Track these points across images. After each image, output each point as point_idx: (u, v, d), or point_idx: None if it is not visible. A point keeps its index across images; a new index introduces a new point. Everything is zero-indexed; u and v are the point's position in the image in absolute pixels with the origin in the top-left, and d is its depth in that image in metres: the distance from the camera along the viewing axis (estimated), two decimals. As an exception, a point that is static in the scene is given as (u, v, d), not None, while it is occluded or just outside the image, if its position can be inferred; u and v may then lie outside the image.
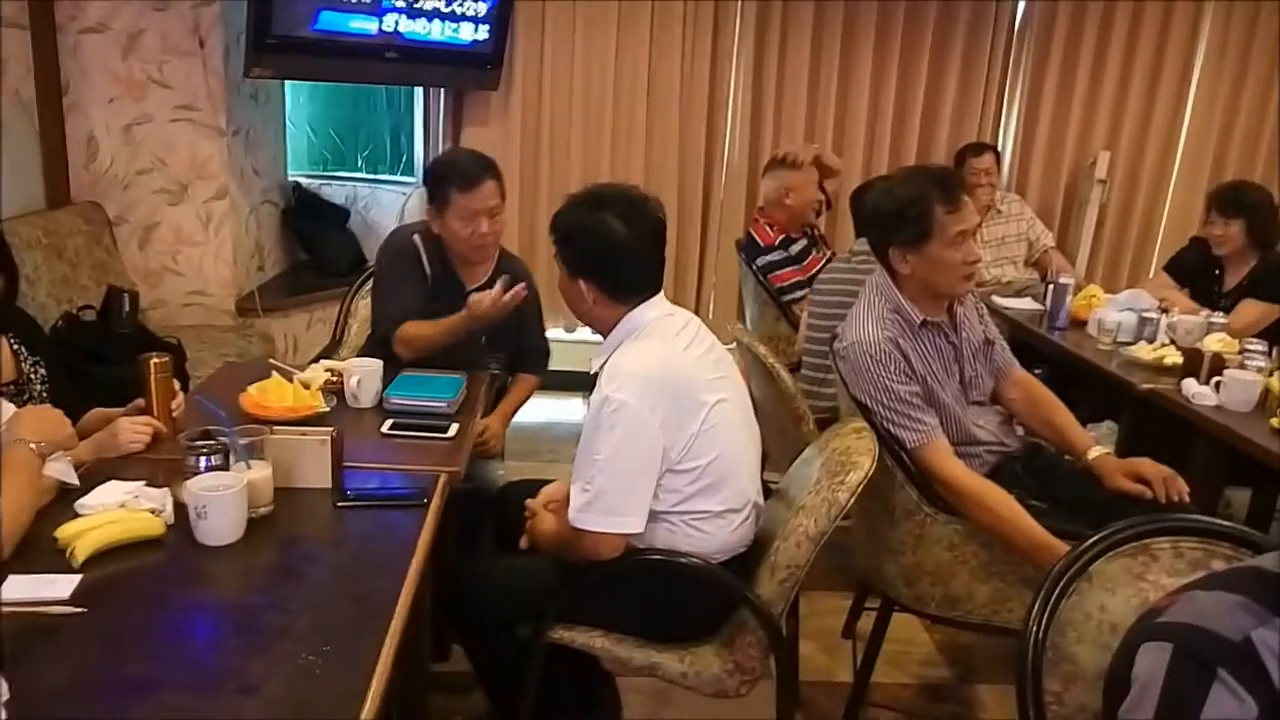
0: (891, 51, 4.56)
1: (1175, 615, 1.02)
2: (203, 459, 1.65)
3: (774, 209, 3.77)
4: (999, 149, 4.62)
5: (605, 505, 1.80)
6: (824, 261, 3.76)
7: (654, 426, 1.78)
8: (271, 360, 2.42)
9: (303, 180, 4.62)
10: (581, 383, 4.76)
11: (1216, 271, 3.60)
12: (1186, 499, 2.12)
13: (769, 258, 3.62)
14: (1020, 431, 2.45)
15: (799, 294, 3.52)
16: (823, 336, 3.11)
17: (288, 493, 1.75)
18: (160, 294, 3.89)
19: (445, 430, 2.11)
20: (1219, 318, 3.18)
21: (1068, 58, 4.63)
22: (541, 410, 4.45)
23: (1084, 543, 1.44)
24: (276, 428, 1.81)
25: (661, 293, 1.96)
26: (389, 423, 2.13)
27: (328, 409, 2.15)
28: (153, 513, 1.57)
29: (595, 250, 1.88)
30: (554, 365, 4.55)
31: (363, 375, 2.22)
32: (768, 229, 3.68)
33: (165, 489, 1.63)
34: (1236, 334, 3.11)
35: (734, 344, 2.74)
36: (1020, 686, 1.35)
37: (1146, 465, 2.16)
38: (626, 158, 4.61)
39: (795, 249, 3.68)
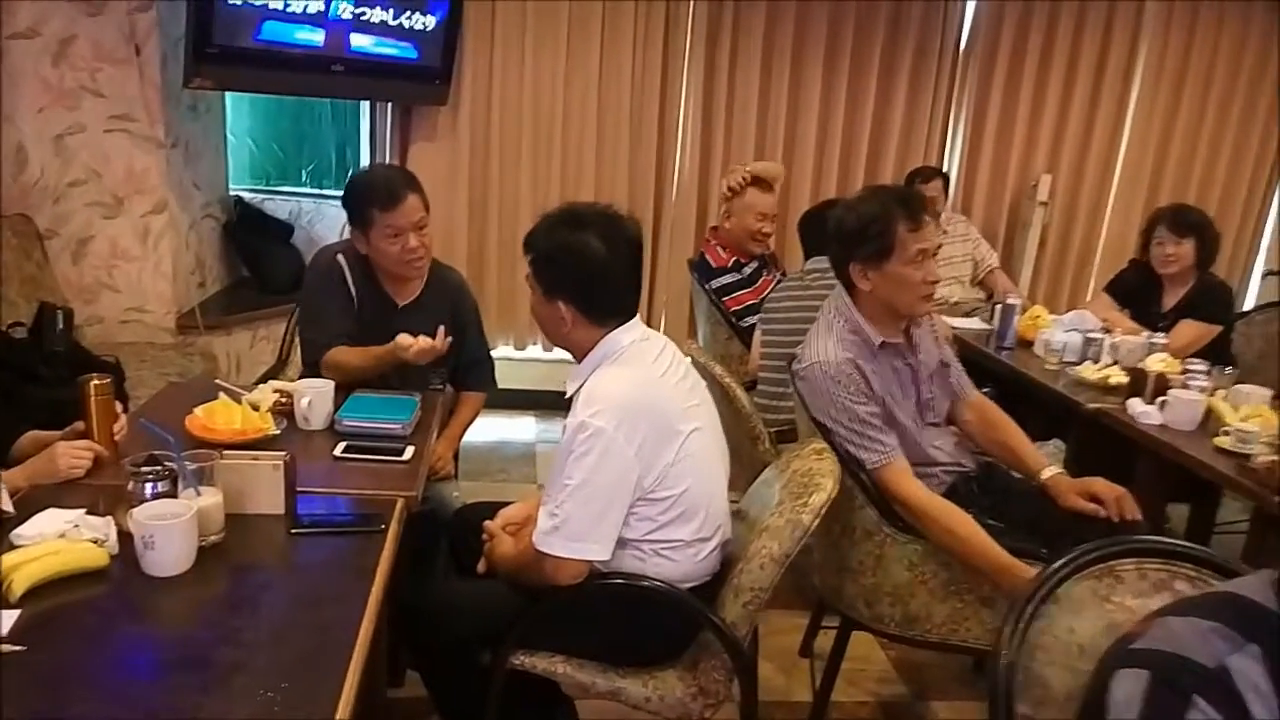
0: (840, 75, 4.61)
1: (1150, 642, 1.02)
2: (149, 485, 1.59)
3: (722, 232, 3.76)
4: (945, 171, 4.68)
5: (571, 531, 1.77)
6: (775, 282, 3.77)
7: (629, 454, 1.76)
8: (218, 381, 2.34)
9: (245, 195, 4.52)
10: (532, 401, 4.82)
11: (1156, 292, 3.68)
12: (1139, 517, 2.15)
13: (722, 280, 3.62)
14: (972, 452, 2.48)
15: (753, 318, 3.52)
16: (777, 353, 3.12)
17: (239, 519, 1.69)
18: (96, 310, 3.76)
19: (400, 453, 2.06)
20: (1160, 338, 3.25)
21: (1010, 83, 4.72)
22: (492, 429, 4.40)
23: (1050, 566, 1.44)
24: (227, 452, 1.74)
25: (638, 316, 1.93)
26: (342, 445, 2.07)
27: (277, 432, 2.09)
28: (95, 543, 1.50)
29: (575, 270, 1.84)
30: (505, 383, 4.49)
31: (314, 397, 2.15)
32: (719, 250, 3.68)
33: (108, 517, 1.56)
34: (1176, 354, 3.18)
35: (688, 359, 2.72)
36: (993, 711, 1.35)
37: (1099, 484, 2.19)
38: (577, 174, 4.59)
39: (747, 271, 3.68)
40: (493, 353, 4.60)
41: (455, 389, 2.73)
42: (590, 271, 1.83)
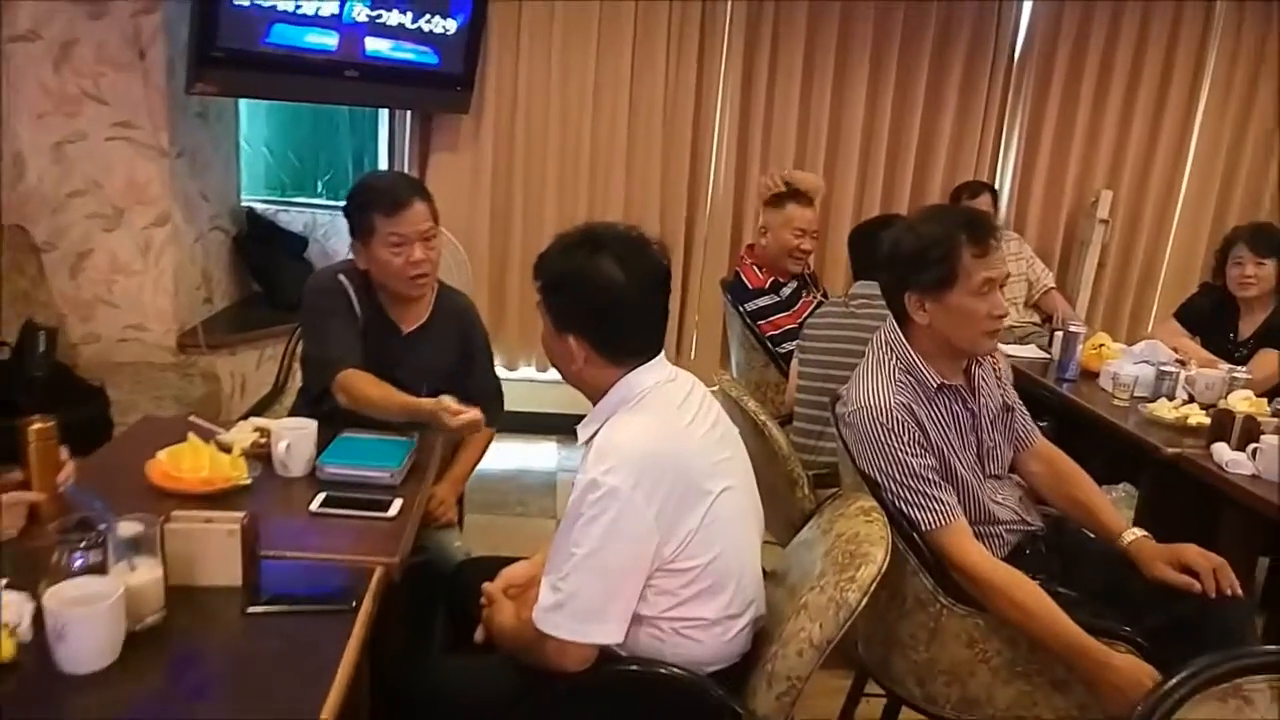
0: (886, 83, 4.33)
1: None
2: (77, 556, 1.34)
3: (758, 249, 3.50)
4: (995, 187, 4.38)
5: (579, 609, 1.51)
6: (814, 305, 3.50)
7: (647, 519, 1.50)
8: (191, 418, 2.11)
9: (257, 206, 4.32)
10: (554, 426, 4.57)
11: (1231, 319, 3.37)
12: (1239, 592, 1.85)
13: (758, 302, 3.34)
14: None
15: (791, 344, 3.24)
16: (816, 387, 2.85)
17: (188, 593, 1.45)
18: (93, 327, 3.56)
19: (386, 508, 1.81)
20: (1241, 372, 2.94)
21: (1068, 92, 4.41)
22: (510, 457, 4.16)
23: (1164, 685, 1.16)
24: (175, 513, 1.50)
25: (662, 354, 1.68)
26: (320, 498, 1.82)
27: (249, 480, 1.84)
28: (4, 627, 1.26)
29: (588, 301, 1.59)
30: (526, 407, 4.31)
31: (293, 440, 1.91)
32: (756, 270, 3.41)
33: (24, 593, 1.32)
34: (1256, 387, 2.88)
35: (715, 389, 2.45)
36: None
37: (1192, 553, 1.89)
38: (605, 188, 4.34)
39: (786, 292, 3.41)
40: (513, 374, 4.47)
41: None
42: (605, 302, 1.58)
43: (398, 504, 1.82)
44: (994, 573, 1.82)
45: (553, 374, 4.41)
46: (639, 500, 1.49)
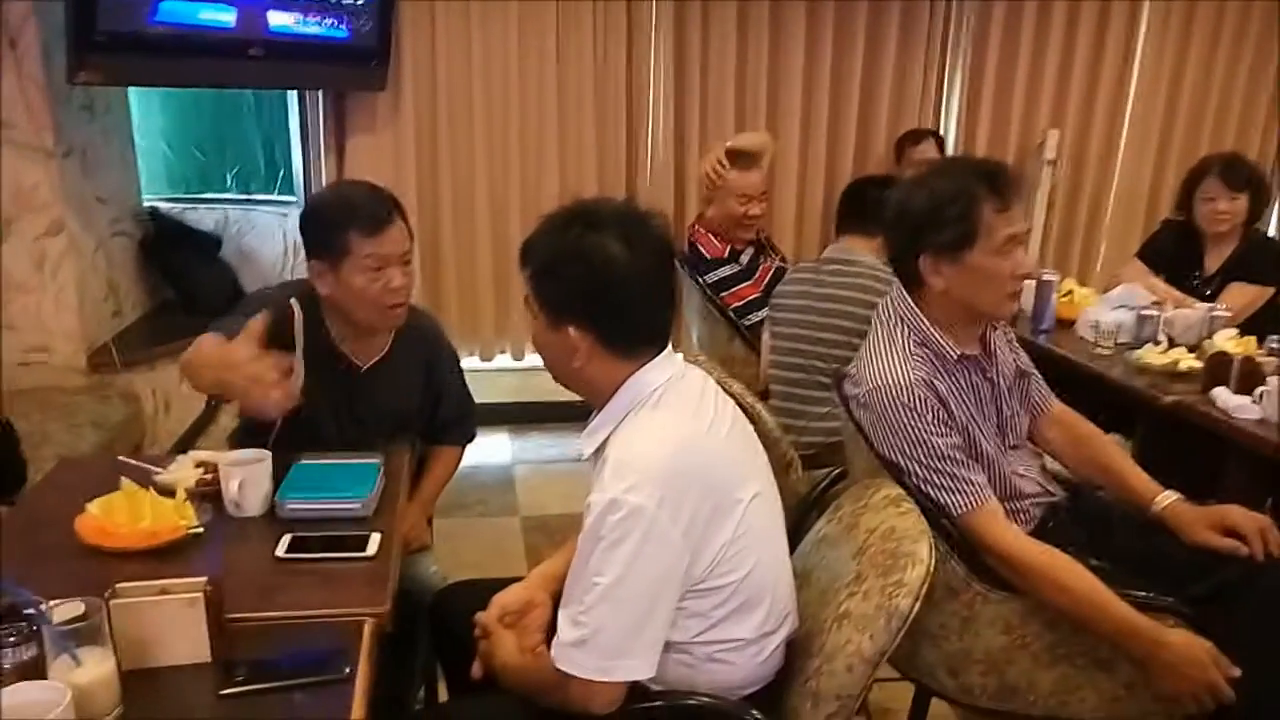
0: (824, 34, 4.14)
1: None
2: (5, 653, 1.11)
3: (710, 218, 3.32)
4: (941, 134, 4.26)
5: (605, 645, 1.34)
6: (773, 269, 3.34)
7: (675, 539, 1.33)
8: (121, 458, 1.84)
9: (162, 206, 3.96)
10: (505, 417, 4.32)
11: (1196, 255, 3.31)
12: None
13: (719, 273, 3.17)
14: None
15: (758, 315, 3.08)
16: (791, 362, 2.70)
17: (148, 679, 1.23)
18: (-9, 353, 3.21)
19: (363, 545, 1.58)
20: (1221, 309, 2.86)
21: (1009, 31, 4.28)
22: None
23: None
24: (119, 586, 1.26)
25: (670, 345, 1.49)
26: (286, 541, 1.59)
27: (200, 528, 1.60)
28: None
29: (589, 284, 1.39)
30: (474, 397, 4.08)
31: (245, 477, 1.67)
32: (713, 239, 3.23)
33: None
34: (1231, 321, 2.82)
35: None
36: None
37: (1236, 514, 1.78)
38: (538, 161, 4.09)
39: (745, 259, 3.24)
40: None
41: (426, 444, 2.25)
42: (608, 284, 1.39)
43: (375, 540, 1.60)
44: (1034, 555, 1.69)
45: (499, 362, 4.27)
46: (665, 519, 1.32)
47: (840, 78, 4.22)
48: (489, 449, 4.09)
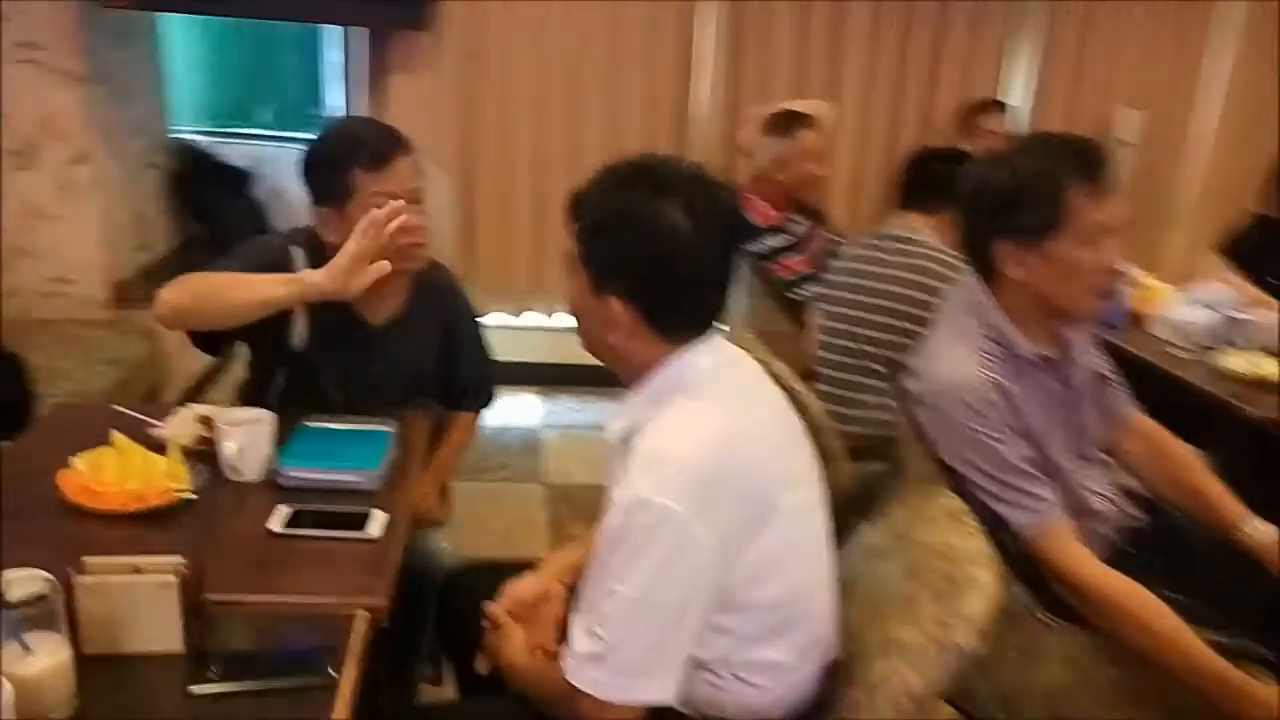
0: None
1: None
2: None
3: (765, 184, 3.13)
4: (1007, 105, 4.00)
5: (622, 663, 1.20)
6: (825, 242, 3.15)
7: (708, 548, 1.18)
8: (118, 407, 1.72)
9: (195, 138, 3.83)
10: (535, 376, 4.18)
11: (1280, 253, 3.07)
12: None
13: (768, 242, 2.98)
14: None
15: (807, 290, 2.90)
16: (840, 344, 2.51)
17: (111, 668, 1.10)
18: (13, 281, 3.11)
19: (363, 523, 1.44)
20: (1317, 315, 2.63)
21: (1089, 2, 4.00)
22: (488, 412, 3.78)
23: None
24: (88, 561, 1.13)
25: (719, 329, 1.34)
26: (283, 513, 1.45)
27: (193, 493, 1.47)
28: None
29: (644, 253, 1.24)
30: (502, 356, 3.91)
31: (244, 438, 1.53)
32: (764, 206, 3.04)
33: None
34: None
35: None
36: None
37: (1337, 550, 1.59)
38: (583, 116, 3.89)
39: (798, 230, 3.05)
40: (487, 322, 4.06)
41: (443, 409, 2.11)
42: (664, 256, 1.24)
43: (379, 519, 1.46)
44: (1108, 584, 1.51)
45: (530, 319, 4.12)
46: (699, 525, 1.17)
47: (906, 44, 3.96)
48: (516, 410, 3.95)
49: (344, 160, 1.74)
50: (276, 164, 3.95)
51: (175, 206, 3.71)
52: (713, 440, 1.22)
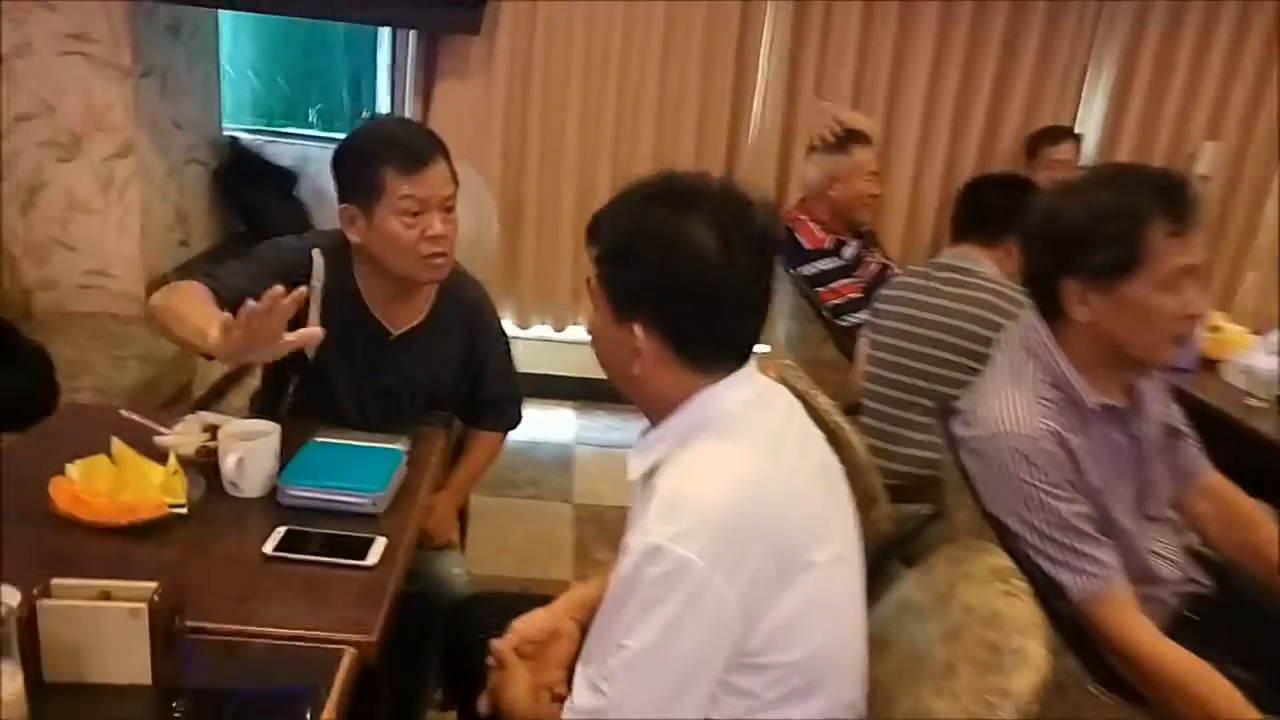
0: (959, 19, 3.74)
1: None
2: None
3: (816, 202, 3.02)
4: (1078, 132, 3.84)
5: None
6: (877, 267, 3.02)
7: (728, 605, 1.07)
8: (124, 411, 1.65)
9: (242, 136, 3.81)
10: (572, 391, 4.09)
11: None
12: None
13: (818, 265, 2.86)
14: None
15: (856, 317, 2.77)
16: (888, 377, 2.38)
17: (72, 695, 1.02)
18: (49, 273, 3.10)
19: (363, 551, 1.35)
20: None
21: (1167, 32, 3.80)
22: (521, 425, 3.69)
23: None
24: (55, 583, 1.05)
25: (753, 362, 1.23)
26: (279, 535, 1.37)
27: (185, 506, 1.39)
28: None
29: (670, 276, 1.14)
30: (542, 369, 3.84)
31: (246, 453, 1.45)
32: (814, 228, 2.92)
33: None
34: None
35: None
36: None
37: None
38: (634, 128, 3.79)
39: (849, 253, 2.93)
40: (526, 333, 4.00)
41: (466, 426, 2.02)
42: (692, 280, 1.14)
43: (380, 546, 1.37)
44: (1169, 659, 1.37)
45: (571, 334, 4.02)
46: (719, 580, 1.06)
47: (973, 61, 3.80)
48: (550, 424, 3.86)
49: (376, 158, 1.67)
50: (322, 165, 3.92)
51: (219, 203, 3.68)
52: (740, 485, 1.11)
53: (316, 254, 1.76)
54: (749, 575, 1.08)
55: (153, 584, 1.06)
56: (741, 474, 1.12)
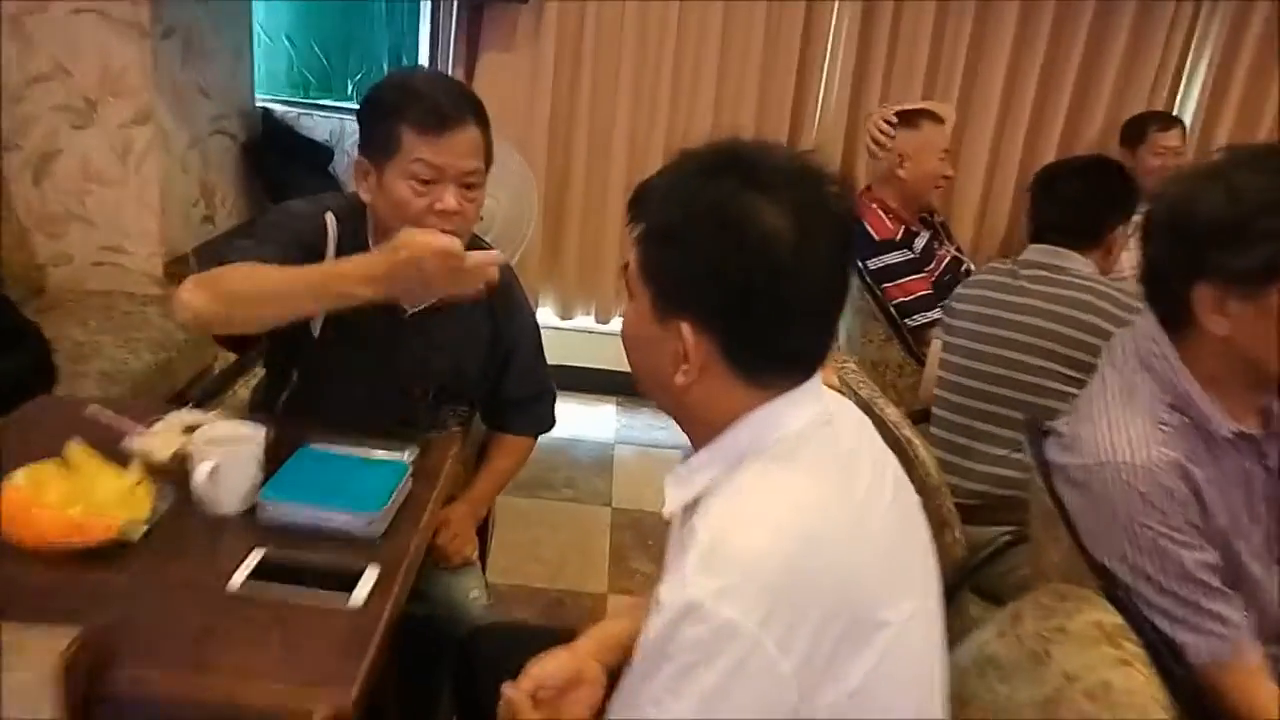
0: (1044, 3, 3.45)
1: None
2: None
3: (884, 188, 2.76)
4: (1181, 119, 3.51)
5: None
6: (949, 261, 2.77)
7: (782, 675, 0.85)
8: (94, 407, 1.46)
9: (275, 107, 3.64)
10: (613, 385, 3.86)
11: None
12: None
13: (886, 259, 2.61)
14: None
15: (925, 316, 2.52)
16: (963, 384, 2.13)
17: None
18: (63, 246, 2.95)
19: (350, 584, 1.15)
20: None
21: (1268, 29, 3.48)
22: (561, 420, 3.47)
23: None
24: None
25: (819, 375, 0.99)
26: (253, 561, 1.17)
27: (145, 525, 1.20)
28: None
29: (731, 266, 0.91)
30: (578, 362, 3.62)
31: (222, 460, 1.25)
32: (884, 218, 2.67)
33: None
34: None
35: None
36: None
37: None
38: (690, 106, 3.55)
39: (919, 245, 2.68)
40: (567, 324, 3.79)
41: (488, 429, 1.82)
42: (763, 272, 0.91)
43: (370, 579, 1.16)
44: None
45: (615, 325, 3.80)
46: (771, 646, 0.84)
47: (1057, 50, 3.48)
48: (590, 421, 3.65)
49: (395, 112, 1.46)
50: (358, 141, 3.74)
51: (248, 178, 3.52)
52: (797, 529, 0.89)
53: (329, 217, 1.56)
54: (809, 639, 0.85)
55: (74, 632, 0.86)
56: (802, 514, 0.90)
